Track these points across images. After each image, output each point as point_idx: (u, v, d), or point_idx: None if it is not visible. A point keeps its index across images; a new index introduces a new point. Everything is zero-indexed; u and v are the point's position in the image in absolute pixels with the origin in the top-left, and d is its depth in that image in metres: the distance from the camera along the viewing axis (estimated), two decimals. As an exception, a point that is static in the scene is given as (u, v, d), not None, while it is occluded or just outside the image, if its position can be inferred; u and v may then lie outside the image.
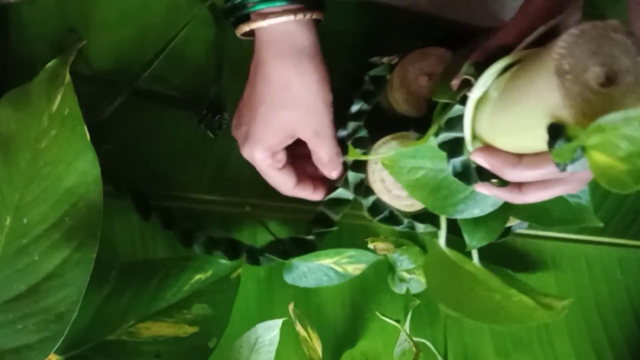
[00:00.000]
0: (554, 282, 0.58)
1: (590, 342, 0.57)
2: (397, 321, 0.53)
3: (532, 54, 0.34)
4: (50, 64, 0.46)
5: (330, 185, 0.53)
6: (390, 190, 0.50)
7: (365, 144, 0.50)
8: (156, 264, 0.51)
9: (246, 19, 0.45)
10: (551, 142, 0.30)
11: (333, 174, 0.51)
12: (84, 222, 0.43)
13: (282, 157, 0.49)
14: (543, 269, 0.57)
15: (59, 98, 0.45)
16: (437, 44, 0.50)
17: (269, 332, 0.51)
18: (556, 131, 0.30)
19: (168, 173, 0.56)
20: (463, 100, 0.38)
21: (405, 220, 0.52)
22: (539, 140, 0.31)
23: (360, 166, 0.51)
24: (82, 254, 0.43)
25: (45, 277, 0.42)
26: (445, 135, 0.41)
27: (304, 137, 0.48)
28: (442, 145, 0.41)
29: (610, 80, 0.30)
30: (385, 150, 0.48)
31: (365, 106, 0.51)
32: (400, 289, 0.55)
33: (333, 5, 0.55)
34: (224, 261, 0.50)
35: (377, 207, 0.52)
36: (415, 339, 0.52)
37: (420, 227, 0.52)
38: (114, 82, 0.53)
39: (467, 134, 0.38)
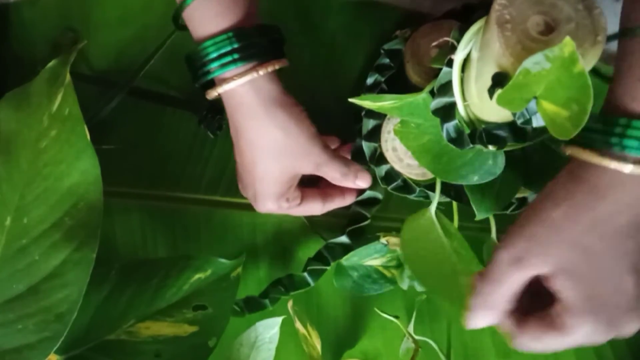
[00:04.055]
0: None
1: (590, 342, 0.57)
2: (397, 317, 0.53)
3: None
4: (50, 64, 0.47)
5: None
6: (402, 159, 0.51)
7: (380, 114, 0.51)
8: (156, 263, 0.51)
9: (212, 84, 0.45)
10: (490, 90, 0.31)
11: (358, 183, 0.52)
12: (84, 222, 0.44)
13: (295, 195, 0.50)
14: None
15: (59, 98, 0.45)
16: (451, 17, 0.51)
17: (269, 330, 0.51)
18: (499, 79, 0.31)
19: (168, 173, 0.56)
20: (451, 64, 0.38)
21: (418, 189, 0.53)
22: None
23: (373, 136, 0.52)
24: (82, 254, 0.43)
25: (45, 277, 0.43)
26: (439, 101, 0.41)
27: (309, 173, 0.49)
28: (436, 111, 0.41)
29: (550, 29, 0.30)
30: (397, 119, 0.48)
31: (379, 78, 0.52)
32: (405, 285, 0.55)
33: (333, 5, 0.55)
34: (223, 260, 0.51)
35: (390, 176, 0.53)
36: (417, 337, 0.52)
37: (434, 197, 0.53)
38: (114, 82, 0.53)
39: (456, 96, 0.39)
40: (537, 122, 0.32)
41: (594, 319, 0.34)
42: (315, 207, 0.51)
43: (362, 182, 0.52)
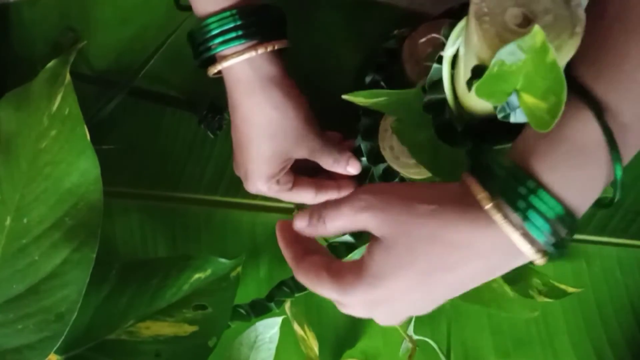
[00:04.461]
0: (554, 281, 0.58)
1: (590, 342, 0.57)
2: None
3: None
4: (50, 64, 0.47)
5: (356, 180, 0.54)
6: (399, 157, 0.51)
7: (377, 113, 0.51)
8: (156, 263, 0.51)
9: (213, 60, 0.46)
10: (469, 82, 0.31)
11: (348, 169, 0.52)
12: (84, 222, 0.44)
13: (287, 179, 0.50)
14: (542, 269, 0.57)
15: (59, 98, 0.45)
16: (449, 16, 0.51)
17: (269, 329, 0.51)
18: (477, 72, 0.31)
19: (168, 173, 0.56)
20: (441, 61, 0.38)
21: None
22: None
23: (371, 134, 0.52)
24: (82, 254, 0.43)
25: (45, 277, 0.43)
26: (430, 98, 0.41)
27: (302, 157, 0.49)
28: (427, 109, 0.41)
29: (528, 21, 0.30)
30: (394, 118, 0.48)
31: (378, 77, 0.52)
32: None
33: (333, 5, 0.55)
34: (223, 260, 0.51)
35: (388, 175, 0.52)
36: (417, 337, 0.52)
37: None
38: (114, 82, 0.54)
39: (447, 93, 0.38)
40: (516, 117, 0.32)
41: (367, 292, 0.34)
42: (307, 196, 0.51)
43: (352, 168, 0.52)
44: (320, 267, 0.36)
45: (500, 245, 0.32)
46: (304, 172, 0.52)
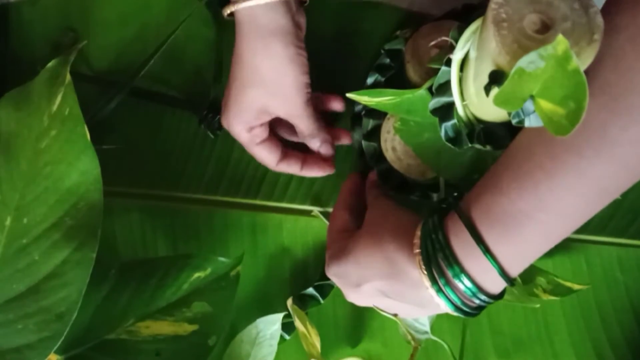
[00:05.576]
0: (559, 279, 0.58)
1: (590, 342, 0.57)
2: (395, 315, 0.53)
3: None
4: (50, 64, 0.47)
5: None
6: (402, 158, 0.50)
7: (380, 114, 0.51)
8: (155, 262, 0.51)
9: (228, 1, 0.46)
10: (487, 87, 0.31)
11: (320, 149, 0.52)
12: (84, 222, 0.44)
13: (260, 132, 0.50)
14: (542, 269, 0.57)
15: (59, 98, 0.45)
16: (452, 17, 0.51)
17: (270, 326, 0.51)
18: (495, 77, 0.31)
19: (168, 173, 0.56)
20: (449, 64, 0.38)
21: (418, 190, 0.53)
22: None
23: (373, 135, 0.52)
24: (82, 254, 0.43)
25: (45, 277, 0.43)
26: (437, 101, 0.41)
27: (279, 115, 0.49)
28: (434, 111, 0.42)
29: (546, 27, 0.30)
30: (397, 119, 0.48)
31: (379, 78, 0.52)
32: None
33: (335, 5, 0.55)
34: (222, 259, 0.51)
35: (389, 175, 0.52)
36: (434, 338, 0.52)
37: (434, 197, 0.53)
38: (114, 82, 0.54)
39: (455, 96, 0.39)
40: (531, 122, 0.32)
41: (336, 265, 0.45)
42: (269, 160, 0.51)
43: (325, 150, 0.53)
44: (340, 225, 0.49)
45: (424, 287, 0.39)
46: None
